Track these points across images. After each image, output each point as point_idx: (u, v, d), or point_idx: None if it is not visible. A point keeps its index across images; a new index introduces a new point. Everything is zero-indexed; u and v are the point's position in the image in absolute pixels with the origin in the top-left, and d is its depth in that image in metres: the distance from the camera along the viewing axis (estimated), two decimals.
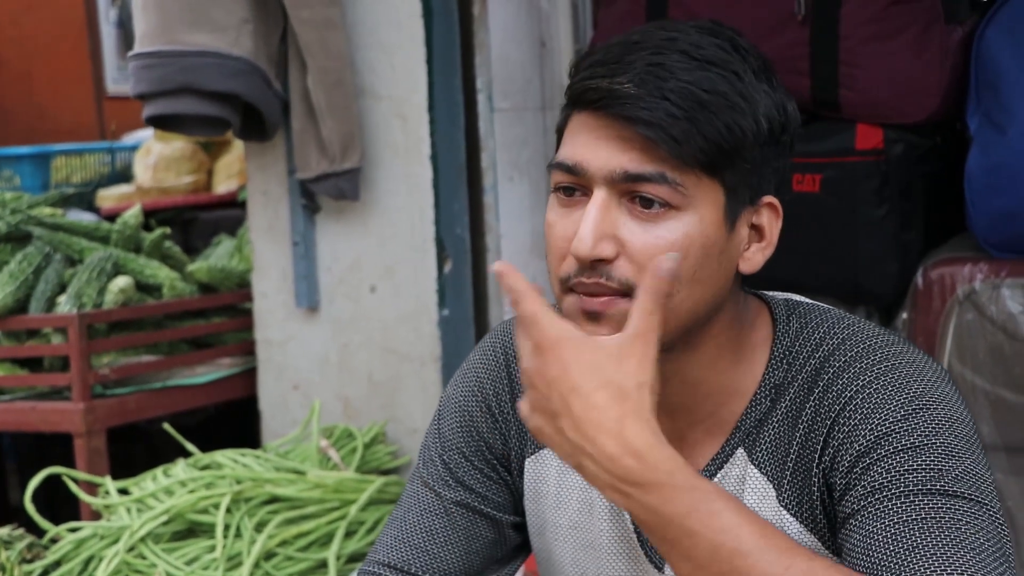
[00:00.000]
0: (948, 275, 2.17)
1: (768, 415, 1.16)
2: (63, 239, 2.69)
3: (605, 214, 1.08)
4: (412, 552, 1.26)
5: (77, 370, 2.47)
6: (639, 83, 1.08)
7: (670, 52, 1.10)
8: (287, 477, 2.25)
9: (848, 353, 1.14)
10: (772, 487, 1.15)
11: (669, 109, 1.07)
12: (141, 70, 2.42)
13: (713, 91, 1.08)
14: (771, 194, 1.14)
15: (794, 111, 1.15)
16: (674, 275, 1.06)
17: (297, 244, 2.60)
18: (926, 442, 1.08)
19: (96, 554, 2.16)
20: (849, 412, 1.11)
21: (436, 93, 2.50)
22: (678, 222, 1.09)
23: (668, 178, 1.08)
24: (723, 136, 1.08)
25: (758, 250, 1.14)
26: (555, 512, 1.26)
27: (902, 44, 2.17)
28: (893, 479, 1.07)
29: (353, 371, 2.59)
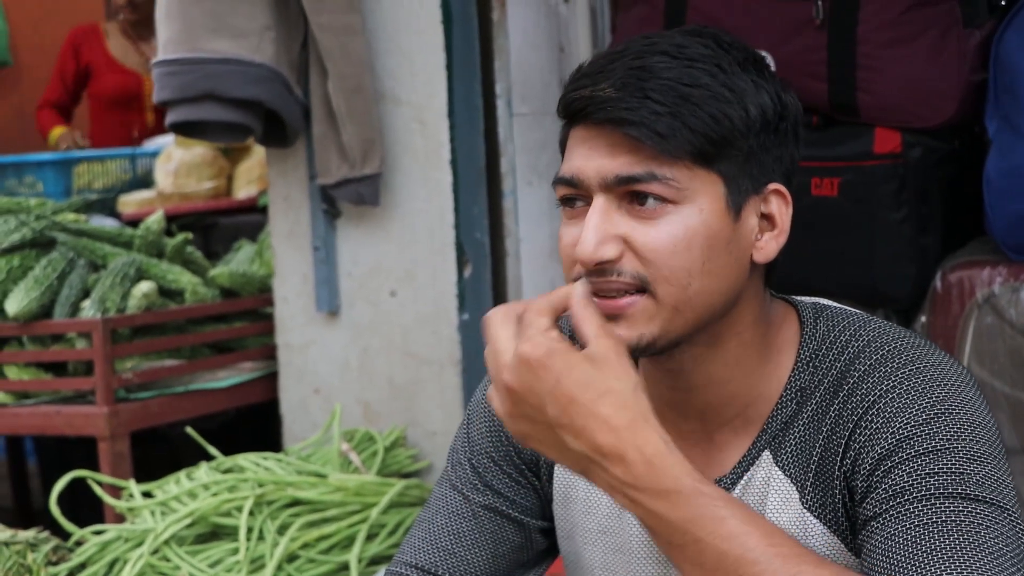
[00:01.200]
0: (967, 278, 2.17)
1: (794, 418, 1.17)
2: (87, 245, 2.72)
3: (606, 218, 1.11)
4: (439, 554, 1.27)
5: (101, 374, 2.49)
6: (620, 87, 1.10)
7: (651, 55, 1.11)
8: (309, 480, 2.27)
9: (873, 356, 1.14)
10: (796, 489, 1.16)
11: (651, 107, 1.08)
12: (164, 77, 2.44)
13: (696, 84, 1.10)
14: (778, 182, 1.15)
15: (793, 101, 1.15)
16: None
17: (318, 249, 2.62)
18: (948, 446, 1.08)
19: (121, 556, 2.18)
20: (872, 415, 1.12)
21: (456, 98, 2.52)
22: (677, 216, 1.10)
23: (658, 176, 1.09)
24: (710, 126, 1.09)
25: (771, 239, 1.15)
26: (585, 517, 1.26)
27: (920, 48, 2.17)
28: (914, 482, 1.07)
29: (373, 375, 2.61)
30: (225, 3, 2.41)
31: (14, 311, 2.54)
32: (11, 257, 2.62)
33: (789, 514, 1.16)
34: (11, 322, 2.57)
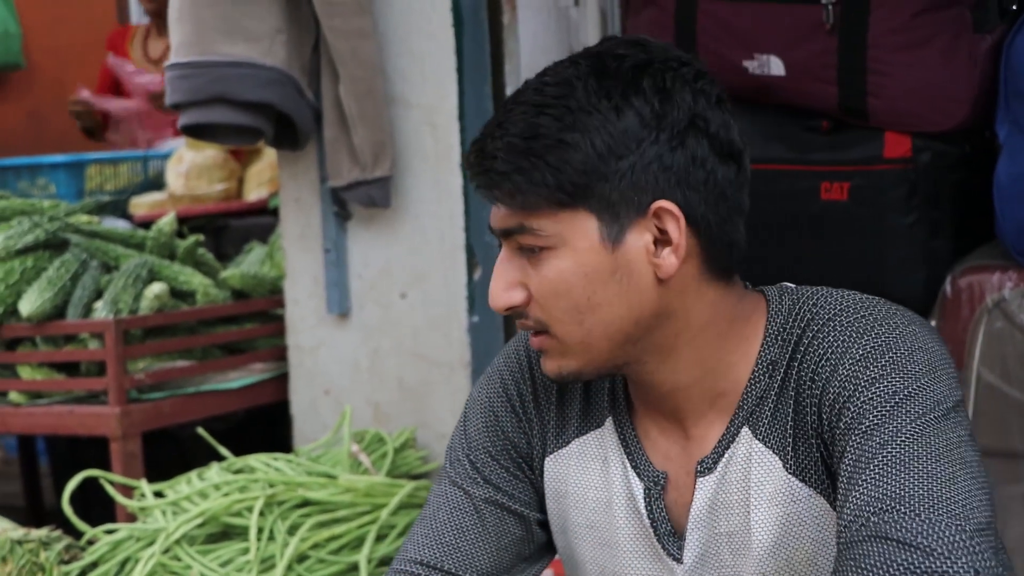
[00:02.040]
0: (977, 283, 2.16)
1: (767, 391, 1.20)
2: (99, 246, 2.74)
3: (508, 266, 1.18)
4: (443, 549, 1.28)
5: (113, 375, 2.50)
6: (479, 151, 1.17)
7: (515, 107, 1.17)
8: (319, 481, 2.28)
9: (824, 316, 1.19)
10: (778, 458, 1.19)
11: (497, 168, 1.15)
12: (176, 80, 2.46)
13: (536, 135, 1.14)
14: (667, 196, 1.15)
15: (683, 102, 1.15)
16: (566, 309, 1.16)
17: (329, 251, 2.63)
18: (883, 372, 1.12)
19: (132, 556, 2.19)
20: (822, 368, 1.16)
21: (466, 101, 2.53)
22: (555, 259, 1.16)
23: (526, 227, 1.16)
24: (554, 176, 1.13)
25: (669, 254, 1.17)
26: (575, 511, 1.28)
27: (930, 53, 2.17)
28: (854, 418, 1.11)
29: (383, 377, 2.62)
30: (237, 7, 2.43)
31: (28, 312, 2.55)
32: (25, 258, 2.63)
33: (773, 483, 1.19)
34: (24, 322, 2.59)
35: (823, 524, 1.18)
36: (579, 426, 1.28)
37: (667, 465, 1.24)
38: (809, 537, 1.18)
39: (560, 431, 1.29)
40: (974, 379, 2.14)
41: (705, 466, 1.21)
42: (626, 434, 1.26)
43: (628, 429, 1.25)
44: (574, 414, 1.28)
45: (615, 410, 1.27)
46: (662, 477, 1.23)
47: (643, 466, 1.24)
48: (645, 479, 1.23)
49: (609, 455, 1.26)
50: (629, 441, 1.25)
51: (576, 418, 1.28)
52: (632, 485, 1.24)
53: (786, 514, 1.18)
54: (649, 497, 1.23)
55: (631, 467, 1.24)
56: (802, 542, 1.18)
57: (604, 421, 1.27)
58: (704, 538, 1.22)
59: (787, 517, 1.18)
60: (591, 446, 1.27)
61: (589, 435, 1.27)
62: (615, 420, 1.26)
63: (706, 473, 1.21)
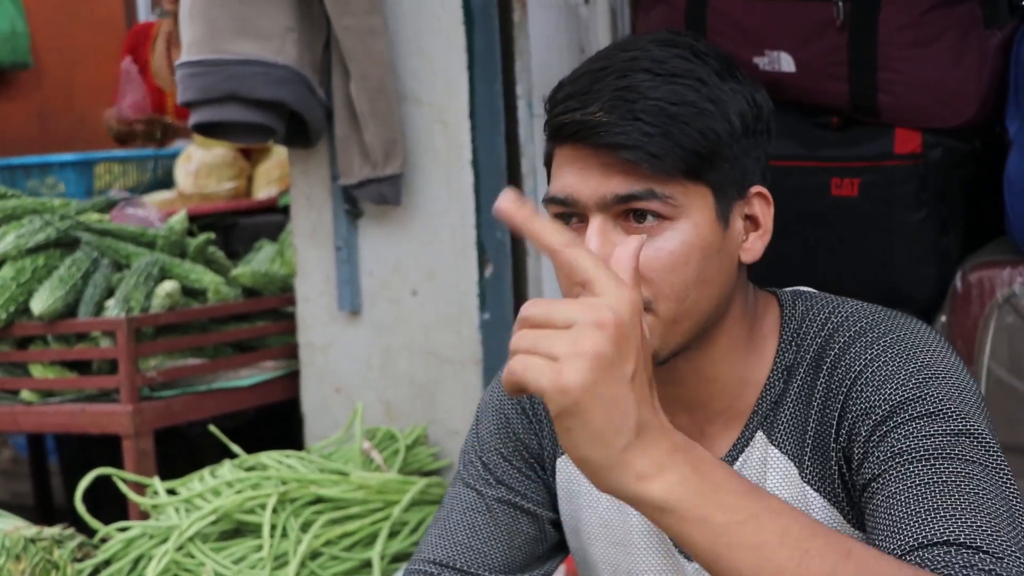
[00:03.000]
0: (987, 279, 2.16)
1: (782, 396, 1.20)
2: (110, 244, 2.74)
3: (604, 238, 1.12)
4: (457, 548, 1.29)
5: (125, 373, 2.51)
6: (610, 109, 1.12)
7: (635, 73, 1.14)
8: (331, 478, 2.28)
9: (853, 328, 1.18)
10: (793, 465, 1.19)
11: (643, 128, 1.11)
12: (188, 78, 2.46)
13: (682, 102, 1.13)
14: (757, 183, 1.19)
15: (764, 98, 1.19)
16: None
17: (340, 249, 2.64)
18: (940, 408, 1.11)
19: (145, 553, 2.20)
20: (862, 384, 1.15)
21: (477, 99, 2.53)
22: (674, 231, 1.13)
23: (657, 193, 1.12)
24: (699, 142, 1.13)
25: (756, 239, 1.19)
26: (588, 511, 1.29)
27: (940, 49, 2.17)
28: (912, 444, 1.10)
29: (395, 374, 2.62)
30: (248, 5, 2.43)
31: (39, 310, 2.56)
32: (36, 257, 2.64)
33: (789, 489, 1.19)
34: (36, 321, 2.59)
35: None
36: None
37: None
38: None
39: None
40: (984, 375, 2.14)
41: None
42: None
43: None
44: None
45: None
46: None
47: None
48: None
49: None
50: None
51: None
52: None
53: None
54: None
55: None
56: None
57: None
58: None
59: None
60: None
61: None
62: None
63: None
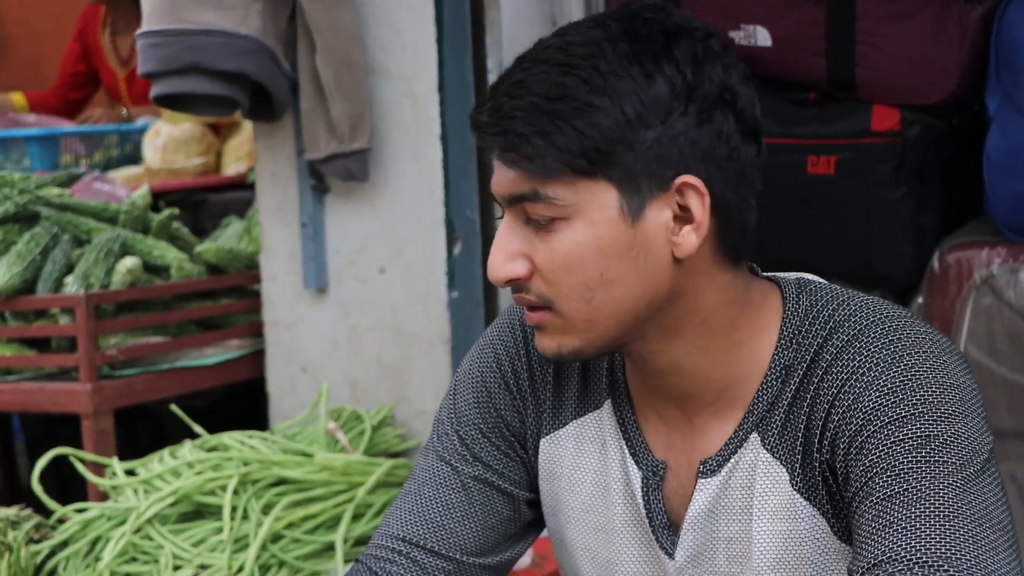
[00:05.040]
0: (965, 259, 2.14)
1: (778, 398, 1.15)
2: (71, 219, 2.68)
3: (511, 235, 1.12)
4: (428, 527, 1.24)
5: (84, 351, 2.45)
6: (494, 109, 1.10)
7: (534, 65, 1.10)
8: (294, 459, 2.24)
9: (849, 332, 1.12)
10: (785, 471, 1.13)
11: (517, 129, 1.08)
12: (148, 48, 2.40)
13: (563, 96, 1.07)
14: (692, 172, 1.10)
15: (714, 75, 1.10)
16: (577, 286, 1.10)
17: (306, 225, 2.58)
18: (913, 412, 1.07)
19: (103, 535, 2.15)
20: (844, 393, 1.10)
21: (446, 73, 2.48)
22: (568, 231, 1.09)
23: (540, 194, 1.09)
24: (580, 141, 1.07)
25: (689, 232, 1.11)
26: (569, 494, 1.24)
27: (920, 23, 2.14)
28: (882, 455, 1.06)
29: (362, 353, 2.58)
30: None
31: None
32: None
33: (778, 496, 1.14)
34: None
35: (823, 546, 1.13)
36: (577, 407, 1.23)
37: (668, 454, 1.19)
38: (808, 558, 1.13)
39: (557, 412, 1.24)
40: None
41: (709, 467, 1.16)
42: (625, 419, 1.21)
43: (627, 413, 1.21)
44: (571, 395, 1.24)
45: (614, 393, 1.22)
46: (661, 467, 1.18)
47: (642, 454, 1.19)
48: (644, 468, 1.19)
49: (607, 439, 1.21)
50: (628, 426, 1.21)
51: (574, 399, 1.23)
52: (630, 473, 1.20)
53: (788, 530, 1.14)
54: (647, 487, 1.19)
55: (630, 454, 1.20)
56: (802, 562, 1.13)
57: (603, 403, 1.22)
58: (700, 540, 1.18)
59: (789, 533, 1.14)
60: (589, 429, 1.23)
61: (587, 417, 1.23)
62: (614, 403, 1.22)
63: (709, 475, 1.16)
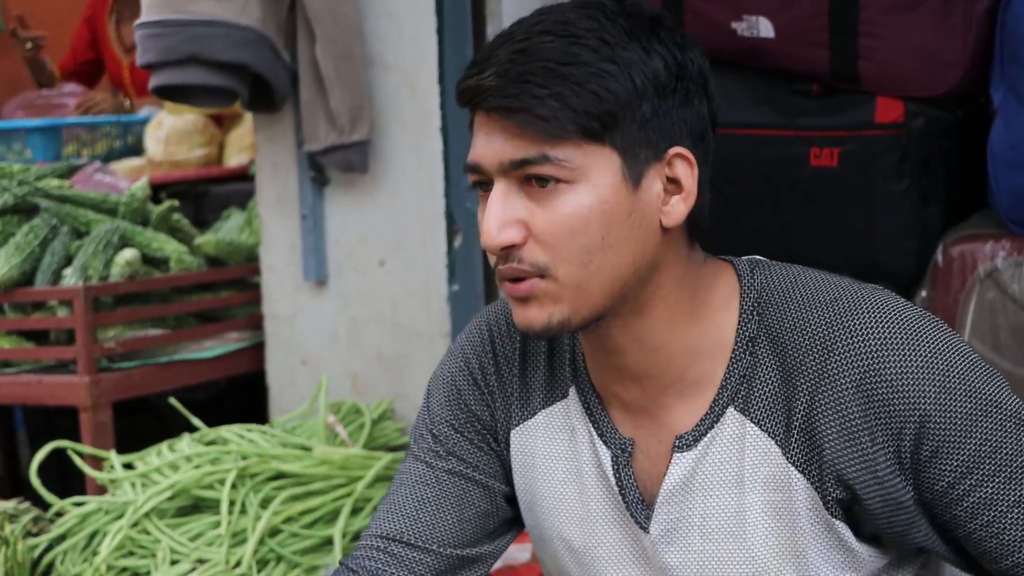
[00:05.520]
0: (969, 252, 2.12)
1: (753, 370, 1.17)
2: (70, 211, 2.67)
3: (506, 203, 1.12)
4: (405, 522, 1.27)
5: (82, 343, 2.44)
6: (502, 73, 1.11)
7: (536, 36, 1.12)
8: (293, 453, 2.23)
9: (830, 310, 1.15)
10: (775, 444, 1.16)
11: (532, 91, 1.10)
12: (148, 39, 2.39)
13: (576, 62, 1.11)
14: (682, 144, 1.15)
15: (695, 58, 1.16)
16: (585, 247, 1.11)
17: (306, 217, 2.57)
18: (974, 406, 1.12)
19: (100, 529, 2.14)
20: (890, 392, 1.12)
21: (447, 64, 2.46)
22: (573, 195, 1.11)
23: (550, 157, 1.11)
24: (592, 103, 1.10)
25: (678, 202, 1.15)
26: (544, 484, 1.26)
27: (924, 14, 2.11)
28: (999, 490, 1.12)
29: (362, 346, 2.56)
30: None
31: None
32: None
33: (770, 468, 1.16)
34: None
35: (816, 519, 1.15)
36: (544, 398, 1.26)
37: (636, 432, 1.21)
38: (801, 529, 1.16)
39: (525, 403, 1.27)
40: None
41: (685, 442, 1.18)
42: (590, 403, 1.24)
43: (592, 398, 1.24)
44: (538, 386, 1.26)
45: (577, 380, 1.25)
46: (629, 444, 1.21)
47: (609, 433, 1.22)
48: (612, 446, 1.22)
49: (575, 425, 1.24)
50: (594, 410, 1.23)
51: (541, 390, 1.26)
52: (600, 453, 1.22)
53: (782, 501, 1.16)
54: (617, 464, 1.21)
55: (597, 435, 1.23)
56: (794, 534, 1.16)
57: (568, 392, 1.25)
58: (674, 514, 1.20)
59: (781, 504, 1.16)
60: (557, 417, 1.26)
61: (555, 406, 1.26)
62: (578, 390, 1.24)
63: (684, 449, 1.18)
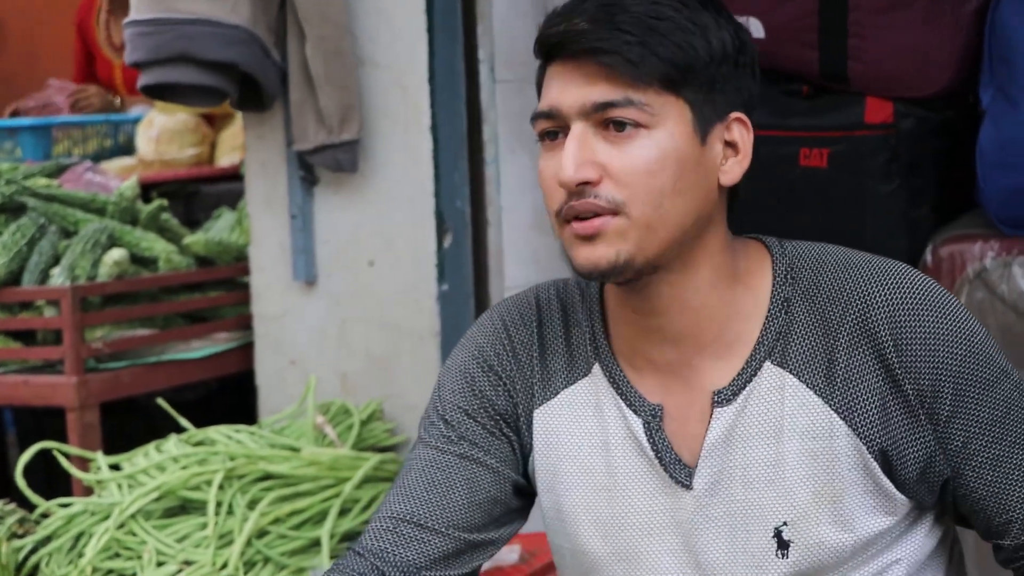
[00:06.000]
0: (958, 253, 2.12)
1: (789, 327, 1.23)
2: (58, 210, 2.65)
3: (584, 144, 1.18)
4: (414, 503, 1.30)
5: (70, 343, 2.43)
6: (592, 20, 1.19)
7: None
8: (281, 454, 2.22)
9: (867, 270, 1.24)
10: (815, 394, 1.22)
11: (622, 37, 1.18)
12: (136, 38, 2.38)
13: (662, 17, 1.19)
14: (739, 111, 1.23)
15: (749, 39, 1.25)
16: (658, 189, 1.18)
17: (295, 217, 2.56)
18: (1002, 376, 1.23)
19: (86, 530, 2.13)
20: (908, 342, 1.21)
21: (437, 63, 2.45)
22: (650, 139, 1.18)
23: (634, 100, 1.18)
24: (676, 54, 1.18)
25: (735, 163, 1.23)
26: (568, 461, 1.29)
27: (913, 15, 2.11)
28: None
29: (351, 346, 2.55)
30: None
31: None
32: None
33: (809, 416, 1.22)
34: None
35: (856, 463, 1.21)
36: (566, 377, 1.30)
37: (665, 398, 1.26)
38: (840, 474, 1.21)
39: (546, 384, 1.30)
40: None
41: (724, 396, 1.23)
42: (616, 376, 1.28)
43: (616, 371, 1.28)
44: (559, 367, 1.30)
45: (600, 357, 1.29)
46: (659, 409, 1.25)
47: (638, 402, 1.26)
48: (642, 414, 1.26)
49: (602, 400, 1.28)
50: (619, 382, 1.27)
51: (562, 370, 1.30)
52: (630, 421, 1.26)
53: (821, 448, 1.21)
54: (649, 429, 1.25)
55: (626, 405, 1.27)
56: (832, 479, 1.21)
57: (591, 369, 1.29)
58: (717, 467, 1.24)
59: (821, 451, 1.21)
60: (582, 394, 1.29)
61: (578, 384, 1.29)
62: (602, 366, 1.28)
63: (724, 404, 1.23)
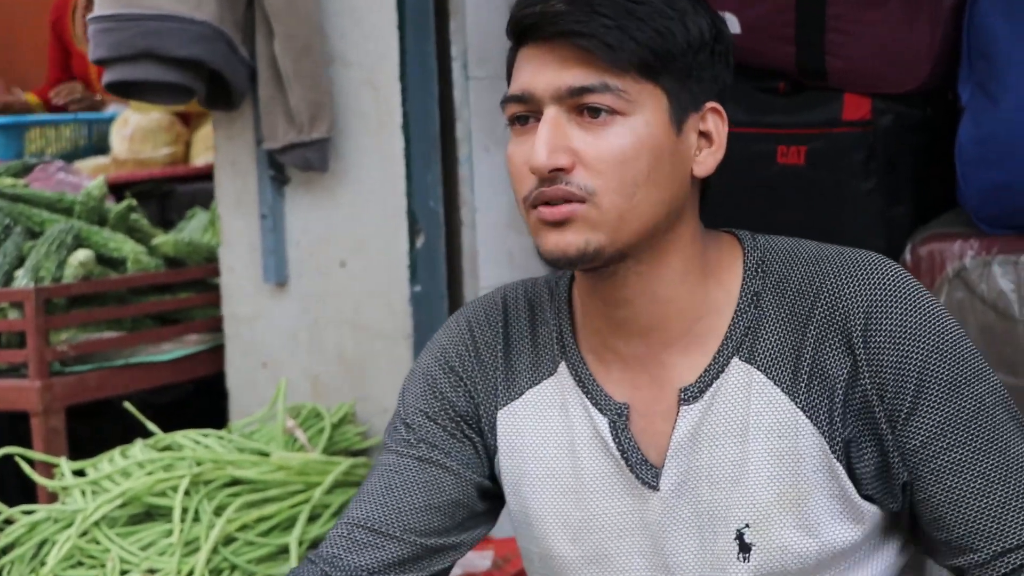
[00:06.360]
0: (937, 251, 2.10)
1: (758, 323, 1.20)
2: (23, 211, 2.60)
3: (557, 129, 1.15)
4: (372, 508, 1.27)
5: (34, 346, 2.38)
6: (570, 2, 1.15)
7: None
8: (249, 459, 2.17)
9: (838, 262, 1.21)
10: (782, 391, 1.19)
11: (600, 20, 1.14)
12: (99, 34, 2.33)
13: (640, 1, 1.16)
14: (714, 100, 1.20)
15: (725, 27, 1.22)
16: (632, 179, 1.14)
17: (265, 217, 2.52)
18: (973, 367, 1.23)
19: (50, 538, 2.09)
20: (876, 334, 1.17)
21: (408, 60, 2.41)
22: (625, 127, 1.15)
23: (610, 86, 1.14)
24: (654, 39, 1.15)
25: (709, 154, 1.20)
26: (533, 462, 1.27)
27: (892, 11, 2.09)
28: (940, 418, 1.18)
29: (322, 348, 2.51)
30: None
31: None
32: None
33: (776, 414, 1.19)
34: None
35: (820, 464, 1.18)
36: (531, 377, 1.28)
37: (633, 395, 1.23)
38: (804, 475, 1.18)
39: (510, 384, 1.28)
40: None
41: (690, 394, 1.21)
42: (582, 375, 1.25)
43: (583, 370, 1.26)
44: (524, 367, 1.28)
45: (567, 355, 1.26)
46: (625, 408, 1.23)
47: (604, 401, 1.24)
48: (608, 413, 1.23)
49: (568, 399, 1.26)
50: (586, 381, 1.25)
51: (527, 370, 1.28)
52: (596, 421, 1.24)
53: (786, 447, 1.19)
54: (615, 429, 1.23)
55: (591, 404, 1.24)
56: (797, 480, 1.18)
57: (557, 368, 1.27)
58: (683, 467, 1.21)
59: (786, 450, 1.19)
60: (547, 394, 1.27)
61: (543, 384, 1.27)
62: (568, 364, 1.26)
63: (691, 401, 1.21)
